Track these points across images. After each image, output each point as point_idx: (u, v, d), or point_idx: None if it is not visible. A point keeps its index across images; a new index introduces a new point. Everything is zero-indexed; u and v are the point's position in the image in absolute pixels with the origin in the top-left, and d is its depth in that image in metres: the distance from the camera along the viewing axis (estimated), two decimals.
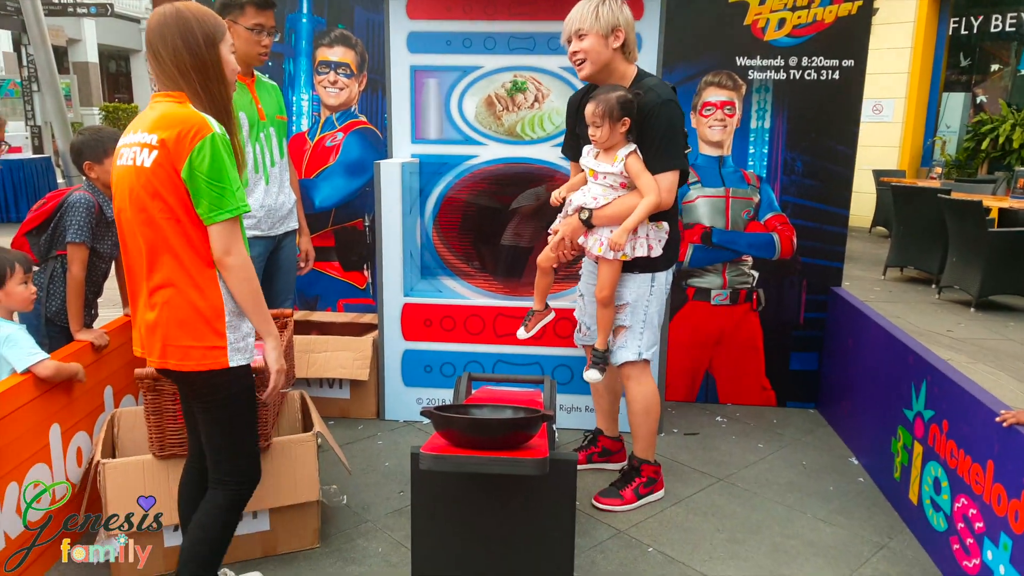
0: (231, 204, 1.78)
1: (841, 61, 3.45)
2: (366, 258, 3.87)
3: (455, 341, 3.39)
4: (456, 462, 2.11)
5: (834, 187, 3.57)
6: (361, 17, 3.63)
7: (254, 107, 2.91)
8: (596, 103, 2.48)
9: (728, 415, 3.68)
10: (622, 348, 2.71)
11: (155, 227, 1.78)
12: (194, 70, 1.81)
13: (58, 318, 2.77)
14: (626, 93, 2.50)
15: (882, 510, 2.82)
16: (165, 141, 1.74)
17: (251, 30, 2.83)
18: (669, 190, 2.52)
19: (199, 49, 1.80)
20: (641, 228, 2.56)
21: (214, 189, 1.75)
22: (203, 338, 1.81)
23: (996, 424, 2.10)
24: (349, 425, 3.46)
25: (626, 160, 2.50)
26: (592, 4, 2.54)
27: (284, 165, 3.07)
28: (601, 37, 2.52)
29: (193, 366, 1.82)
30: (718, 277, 3.69)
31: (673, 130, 2.51)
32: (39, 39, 6.74)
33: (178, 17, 1.81)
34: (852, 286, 6.05)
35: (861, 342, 3.24)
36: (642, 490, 2.82)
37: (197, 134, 1.74)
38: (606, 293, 2.64)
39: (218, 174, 1.75)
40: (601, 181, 2.57)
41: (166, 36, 1.80)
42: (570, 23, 2.57)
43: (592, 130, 2.52)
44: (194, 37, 1.80)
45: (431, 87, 3.42)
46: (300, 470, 2.44)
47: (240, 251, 1.80)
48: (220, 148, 1.76)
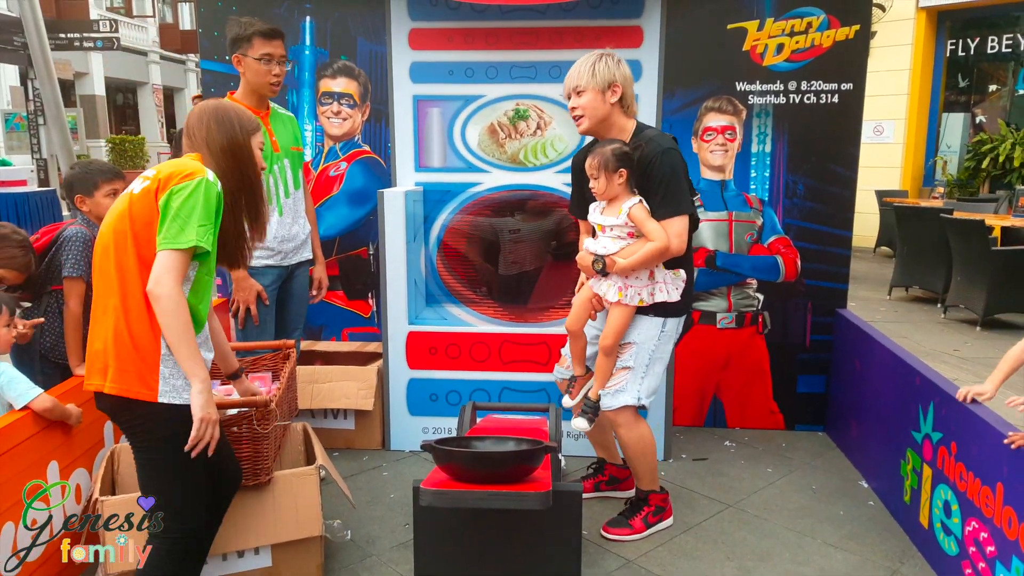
0: (185, 238, 1.78)
1: (840, 85, 3.48)
2: (370, 286, 3.88)
3: (460, 369, 3.38)
4: (457, 497, 2.10)
5: (836, 209, 3.58)
6: (364, 48, 3.68)
7: (268, 140, 2.95)
8: (592, 156, 2.53)
9: (736, 439, 3.65)
10: (620, 392, 2.62)
11: (122, 250, 1.82)
12: (222, 152, 1.94)
13: (52, 354, 2.76)
14: (622, 145, 2.53)
15: (893, 534, 2.78)
16: (160, 174, 1.85)
17: (259, 60, 2.87)
18: (678, 235, 2.50)
19: (232, 134, 1.95)
20: (658, 273, 2.56)
21: (177, 221, 1.78)
22: (137, 366, 1.80)
23: (1005, 446, 2.08)
24: (354, 456, 3.44)
25: (630, 211, 2.51)
26: (589, 61, 2.58)
27: (299, 196, 3.11)
28: (598, 92, 2.56)
29: (122, 391, 1.80)
30: (723, 300, 3.68)
31: (675, 176, 2.51)
32: (45, 74, 6.84)
33: (217, 107, 1.99)
34: (858, 307, 6.04)
35: (868, 364, 3.22)
36: (651, 519, 2.79)
37: (190, 174, 1.82)
38: (610, 342, 2.59)
39: (188, 211, 1.79)
40: (609, 234, 2.58)
41: (202, 120, 1.96)
42: (569, 80, 2.62)
43: (592, 183, 2.55)
44: (229, 123, 1.96)
45: (434, 116, 3.45)
46: (303, 504, 2.41)
47: (170, 284, 1.77)
48: (203, 191, 1.81)
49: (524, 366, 3.34)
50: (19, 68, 13.39)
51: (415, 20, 3.33)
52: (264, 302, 3.00)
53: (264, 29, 2.89)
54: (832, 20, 3.44)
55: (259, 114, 2.96)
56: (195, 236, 1.79)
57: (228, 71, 3.61)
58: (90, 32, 12.93)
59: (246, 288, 2.93)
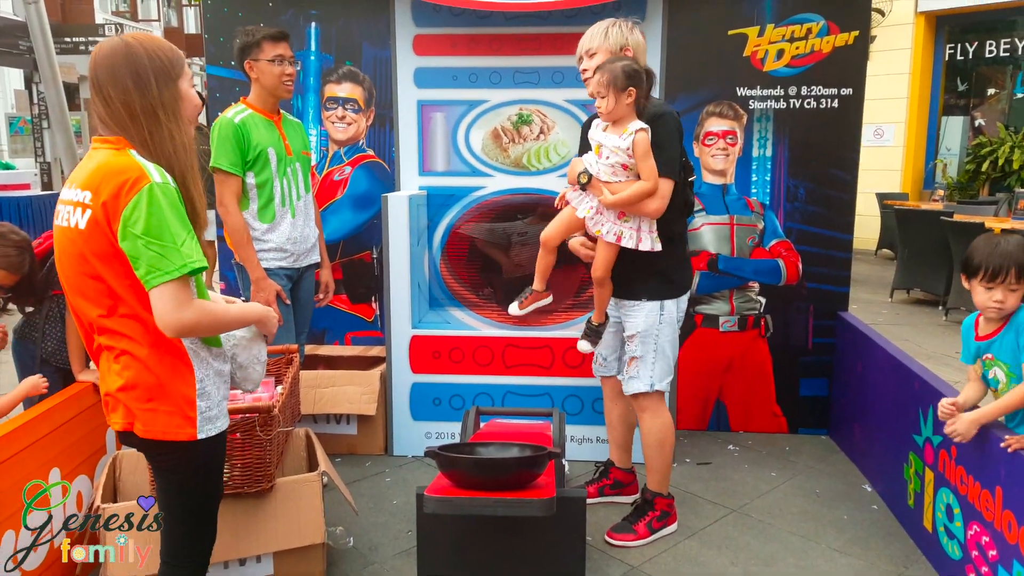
0: (175, 263, 1.52)
1: (840, 90, 3.50)
2: (374, 290, 3.89)
3: (464, 373, 3.39)
4: (460, 504, 2.11)
5: (837, 213, 3.59)
6: (368, 54, 3.69)
7: (281, 143, 3.00)
8: (602, 72, 2.45)
9: (740, 443, 3.66)
10: (633, 379, 2.69)
11: (107, 291, 1.60)
12: (144, 113, 1.60)
13: (54, 358, 2.76)
14: (632, 62, 2.48)
15: (897, 539, 2.79)
16: (97, 198, 1.54)
17: (272, 62, 2.91)
18: (663, 197, 2.50)
19: (151, 89, 1.60)
20: (633, 219, 2.54)
21: (152, 248, 1.51)
22: (170, 408, 1.64)
23: (1002, 449, 2.09)
24: (356, 462, 3.45)
25: (635, 135, 2.44)
26: (603, 25, 2.62)
27: (309, 199, 3.15)
28: (610, 55, 2.56)
29: (158, 434, 1.64)
30: (725, 304, 3.69)
31: (672, 139, 2.51)
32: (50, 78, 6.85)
33: (127, 53, 1.60)
34: (859, 309, 6.05)
35: (869, 367, 3.23)
36: (656, 524, 2.79)
37: (131, 188, 1.52)
38: (600, 273, 2.63)
39: (157, 230, 1.52)
40: (604, 161, 2.50)
41: (116, 73, 1.59)
42: (581, 44, 2.66)
43: (598, 101, 2.48)
44: (145, 74, 1.60)
45: (438, 121, 3.47)
46: (305, 511, 2.40)
47: (184, 315, 1.54)
48: (159, 199, 1.53)
49: (527, 370, 3.35)
50: (24, 72, 13.41)
51: (419, 26, 3.35)
52: (285, 301, 3.02)
53: (271, 32, 2.94)
54: (831, 26, 3.45)
55: (272, 118, 3.01)
56: (183, 257, 1.53)
57: (233, 76, 3.63)
58: (95, 36, 12.96)
59: (266, 288, 2.95)
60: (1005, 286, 2.12)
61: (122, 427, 1.67)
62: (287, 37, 2.99)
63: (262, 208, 2.98)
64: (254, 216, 2.98)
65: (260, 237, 2.99)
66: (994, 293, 2.14)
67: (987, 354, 2.25)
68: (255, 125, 2.93)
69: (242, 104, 2.99)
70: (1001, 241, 2.17)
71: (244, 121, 2.91)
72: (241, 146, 2.88)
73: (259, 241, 2.98)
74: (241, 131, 2.89)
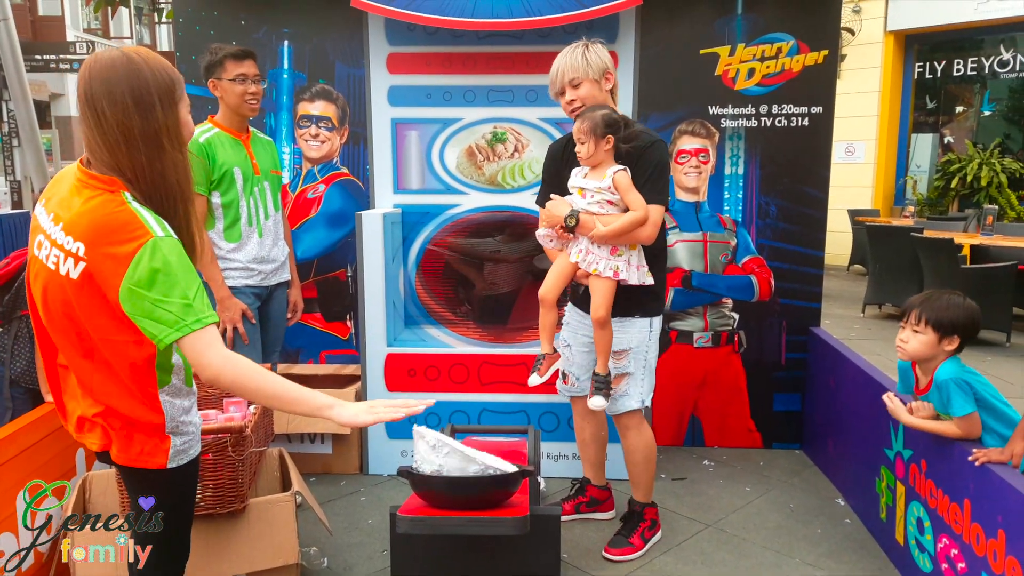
0: (184, 319, 1.44)
1: (810, 108, 3.56)
2: (348, 308, 3.87)
3: (440, 391, 3.37)
4: (434, 524, 2.09)
5: (808, 230, 3.64)
6: (342, 72, 3.70)
7: (249, 162, 2.97)
8: (582, 120, 2.49)
9: (715, 458, 3.67)
10: (625, 396, 2.68)
11: (85, 341, 1.53)
12: (143, 138, 1.47)
13: (23, 379, 2.71)
14: (611, 112, 2.51)
15: (870, 552, 2.81)
16: (93, 252, 1.44)
17: (234, 81, 2.88)
18: (655, 224, 2.52)
19: (154, 111, 1.47)
20: (624, 252, 2.55)
21: (160, 307, 1.42)
22: (142, 442, 1.61)
23: (970, 463, 2.12)
24: (331, 481, 3.41)
25: (615, 176, 2.49)
26: (578, 51, 2.57)
27: (279, 219, 3.12)
28: (595, 82, 2.56)
29: (132, 461, 1.62)
30: (699, 320, 3.72)
31: (663, 168, 2.54)
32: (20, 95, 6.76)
33: (129, 67, 1.46)
34: (832, 324, 6.12)
35: (841, 382, 3.27)
36: (647, 534, 2.83)
37: (134, 248, 1.42)
38: (602, 313, 2.54)
39: (167, 288, 1.43)
40: (589, 199, 2.53)
41: (114, 90, 1.44)
42: (561, 73, 2.58)
43: (578, 146, 2.52)
44: (148, 95, 1.46)
45: (412, 139, 3.47)
46: (278, 532, 2.38)
47: (219, 360, 1.48)
48: (164, 254, 1.43)
49: (503, 387, 3.34)
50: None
51: (393, 45, 3.36)
52: (251, 320, 2.99)
53: (234, 51, 2.91)
54: (801, 45, 3.52)
55: (240, 137, 2.98)
56: (196, 314, 1.44)
57: (206, 94, 3.61)
58: (67, 54, 12.86)
59: (231, 308, 2.92)
60: (909, 326, 2.29)
61: (100, 448, 1.64)
62: (252, 55, 2.95)
63: (228, 228, 2.95)
64: (220, 235, 2.95)
65: (225, 256, 2.95)
66: (902, 332, 2.31)
67: (924, 402, 2.39)
68: (221, 144, 2.90)
69: (209, 123, 2.97)
70: (934, 293, 2.33)
71: (209, 140, 2.88)
72: (206, 166, 2.86)
73: (225, 260, 2.95)
74: (206, 150, 2.86)
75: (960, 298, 2.27)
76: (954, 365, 2.25)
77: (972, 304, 2.26)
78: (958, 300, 2.26)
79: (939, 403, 2.27)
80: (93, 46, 13.35)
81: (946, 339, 2.24)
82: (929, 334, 2.25)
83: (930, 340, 2.25)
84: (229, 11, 3.63)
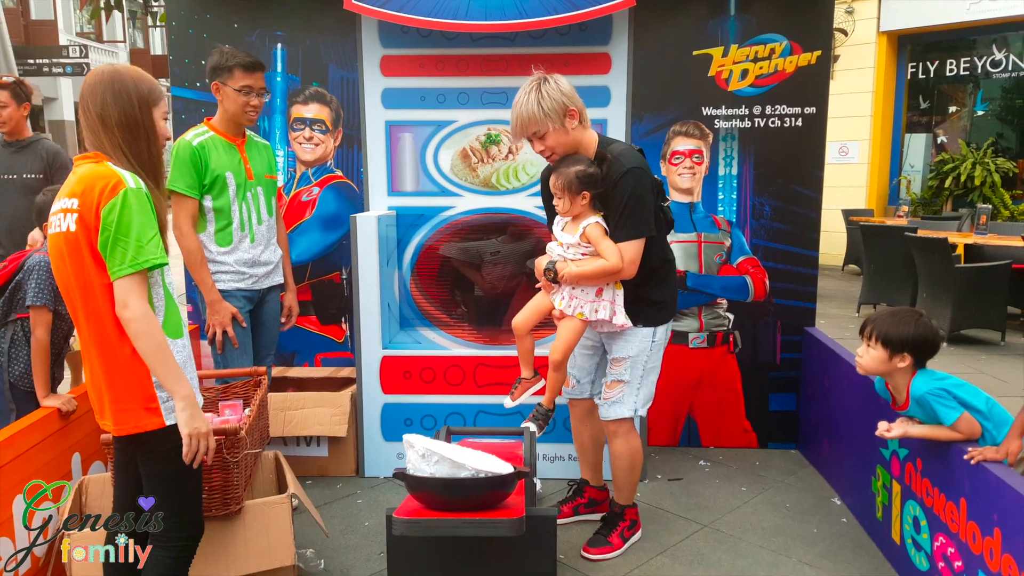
0: (136, 258, 1.74)
1: (803, 109, 3.57)
2: (343, 311, 3.86)
3: (435, 393, 3.37)
4: (430, 526, 2.09)
5: (802, 230, 3.65)
6: (335, 75, 3.70)
7: (242, 167, 2.95)
8: (556, 176, 2.52)
9: (711, 458, 3.67)
10: (617, 404, 2.68)
11: (90, 291, 1.78)
12: (119, 127, 1.80)
13: (22, 382, 2.72)
14: (586, 167, 2.50)
15: (867, 551, 2.81)
16: (81, 202, 1.76)
17: (239, 91, 2.87)
18: (632, 261, 2.50)
19: (130, 107, 1.81)
20: (607, 292, 2.57)
21: (120, 244, 1.74)
22: (136, 399, 1.81)
23: (966, 462, 2.12)
24: (327, 484, 3.40)
25: (585, 230, 2.52)
26: (532, 97, 2.45)
27: (272, 223, 3.10)
28: (559, 128, 2.48)
29: (130, 429, 1.82)
30: (695, 320, 3.72)
31: (635, 199, 2.48)
32: None
33: (113, 75, 1.83)
34: (827, 324, 6.13)
35: (836, 382, 3.27)
36: (627, 533, 2.83)
37: (110, 193, 1.73)
38: (558, 356, 2.60)
39: (126, 229, 1.73)
40: (567, 252, 2.58)
41: (96, 90, 1.81)
42: (521, 126, 2.50)
43: (556, 200, 2.56)
44: (126, 94, 1.81)
45: (406, 141, 3.47)
46: (274, 534, 2.38)
47: (138, 304, 1.75)
48: (131, 203, 1.74)
49: (499, 389, 3.34)
50: None
51: (386, 47, 3.36)
52: (241, 324, 2.98)
53: (245, 62, 2.88)
54: (794, 46, 3.53)
55: (235, 141, 2.96)
56: (146, 255, 1.75)
57: (199, 97, 3.62)
58: (60, 58, 12.83)
59: (220, 311, 2.91)
60: (864, 342, 2.33)
61: (114, 430, 1.84)
62: (261, 68, 2.93)
63: (219, 231, 2.93)
64: (211, 238, 2.93)
65: (216, 259, 2.94)
66: (859, 348, 2.36)
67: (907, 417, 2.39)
68: (214, 148, 2.89)
69: (204, 126, 2.95)
70: (895, 310, 2.36)
71: (203, 144, 2.87)
72: (198, 169, 2.84)
73: (215, 263, 2.94)
74: (199, 154, 2.84)
75: (914, 316, 2.28)
76: (926, 378, 2.26)
77: (927, 323, 2.28)
78: (911, 318, 2.27)
79: (926, 418, 2.28)
80: (86, 50, 13.33)
81: (896, 356, 2.25)
82: (879, 350, 2.27)
83: (881, 356, 2.27)
84: (222, 14, 3.63)
